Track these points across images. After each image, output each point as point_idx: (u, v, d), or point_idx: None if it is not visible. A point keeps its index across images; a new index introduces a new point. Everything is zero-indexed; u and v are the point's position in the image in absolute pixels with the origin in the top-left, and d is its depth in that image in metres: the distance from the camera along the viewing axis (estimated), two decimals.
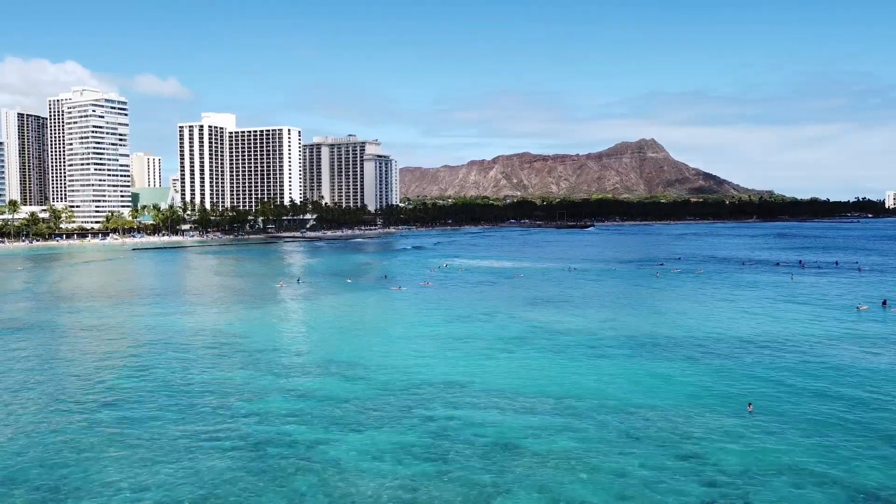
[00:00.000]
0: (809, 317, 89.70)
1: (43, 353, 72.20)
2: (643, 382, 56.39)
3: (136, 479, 37.23)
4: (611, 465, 38.76)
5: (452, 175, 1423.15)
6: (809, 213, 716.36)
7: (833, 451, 40.61)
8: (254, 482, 36.99)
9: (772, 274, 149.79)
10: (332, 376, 59.98)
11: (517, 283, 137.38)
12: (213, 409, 50.41)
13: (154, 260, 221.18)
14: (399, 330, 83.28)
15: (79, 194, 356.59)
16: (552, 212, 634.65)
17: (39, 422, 47.48)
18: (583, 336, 77.12)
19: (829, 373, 59.03)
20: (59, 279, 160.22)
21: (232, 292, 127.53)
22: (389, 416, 48.06)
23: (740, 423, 45.66)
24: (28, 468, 38.86)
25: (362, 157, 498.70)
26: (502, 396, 52.55)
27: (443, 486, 36.11)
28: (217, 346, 74.45)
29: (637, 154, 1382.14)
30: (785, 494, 34.79)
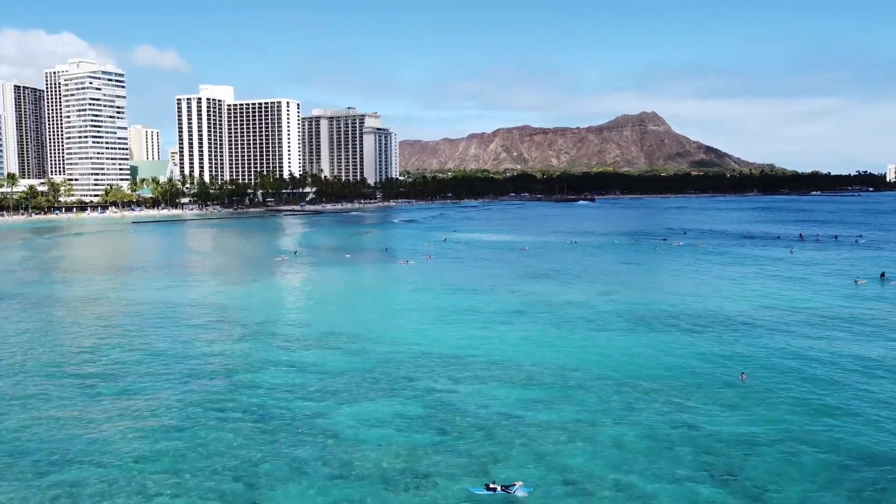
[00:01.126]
0: (808, 290, 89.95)
1: (43, 326, 72.54)
2: (641, 354, 56.77)
3: (138, 450, 37.64)
4: (609, 435, 39.20)
5: (452, 148, 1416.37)
6: (810, 187, 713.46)
7: (826, 418, 41.05)
8: (255, 452, 37.40)
9: (772, 247, 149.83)
10: (332, 348, 60.35)
11: (519, 255, 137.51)
12: (215, 380, 50.80)
13: (154, 233, 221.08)
14: (399, 303, 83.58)
15: (77, 167, 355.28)
16: (552, 185, 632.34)
17: (41, 394, 47.83)
18: (582, 309, 77.40)
19: (825, 345, 59.39)
20: (60, 252, 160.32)
21: (232, 265, 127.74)
22: (390, 388, 48.45)
23: (735, 392, 46.06)
24: (31, 440, 39.25)
25: (362, 130, 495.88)
26: (502, 368, 52.94)
27: (443, 456, 36.53)
28: (218, 318, 74.77)
29: (638, 127, 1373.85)
30: (778, 460, 35.23)
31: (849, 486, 32.89)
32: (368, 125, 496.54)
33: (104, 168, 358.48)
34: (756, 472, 34.25)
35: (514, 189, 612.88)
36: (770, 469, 34.62)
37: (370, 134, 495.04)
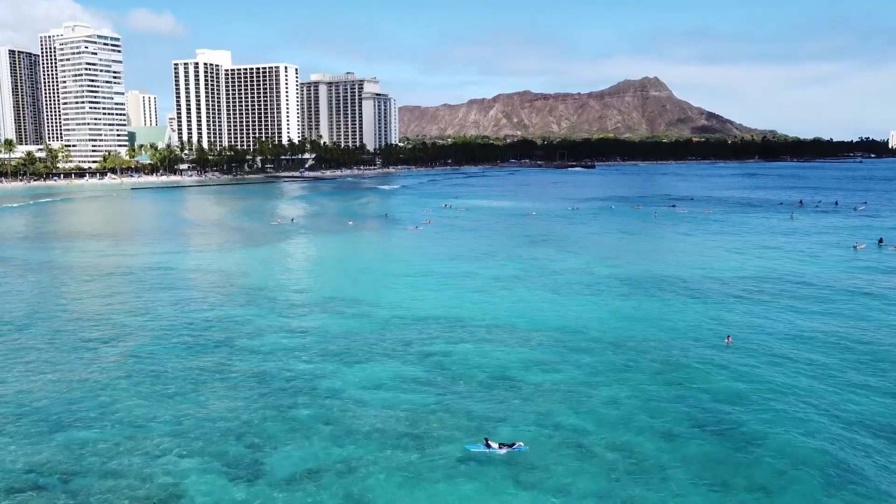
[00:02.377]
0: (807, 255, 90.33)
1: (45, 291, 72.97)
2: (637, 318, 57.28)
3: (143, 413, 38.21)
4: (605, 394, 39.90)
5: (452, 114, 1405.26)
6: (812, 154, 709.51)
7: (821, 378, 41.67)
8: (258, 414, 38.01)
9: (773, 213, 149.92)
10: (333, 313, 60.82)
11: (519, 222, 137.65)
12: (217, 345, 51.31)
13: (153, 199, 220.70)
14: (399, 268, 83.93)
15: (74, 133, 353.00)
16: (553, 152, 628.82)
17: (47, 359, 48.38)
18: (580, 274, 77.83)
19: (821, 309, 59.94)
20: (60, 218, 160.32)
21: (232, 231, 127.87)
22: (390, 351, 49.01)
23: (722, 354, 46.63)
24: (37, 404, 39.79)
25: (361, 95, 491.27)
26: (501, 331, 53.49)
27: (441, 417, 37.15)
28: (219, 283, 75.19)
29: (640, 93, 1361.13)
30: (768, 419, 35.86)
31: (834, 445, 33.53)
32: (368, 90, 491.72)
33: (102, 134, 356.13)
34: (746, 429, 34.88)
35: (514, 155, 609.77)
36: (759, 426, 35.26)
37: (369, 99, 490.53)
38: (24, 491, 29.62)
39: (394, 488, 29.93)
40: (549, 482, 30.25)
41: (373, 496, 29.29)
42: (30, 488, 29.87)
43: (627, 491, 29.48)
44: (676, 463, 31.80)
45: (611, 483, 30.14)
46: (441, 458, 32.44)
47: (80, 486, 30.06)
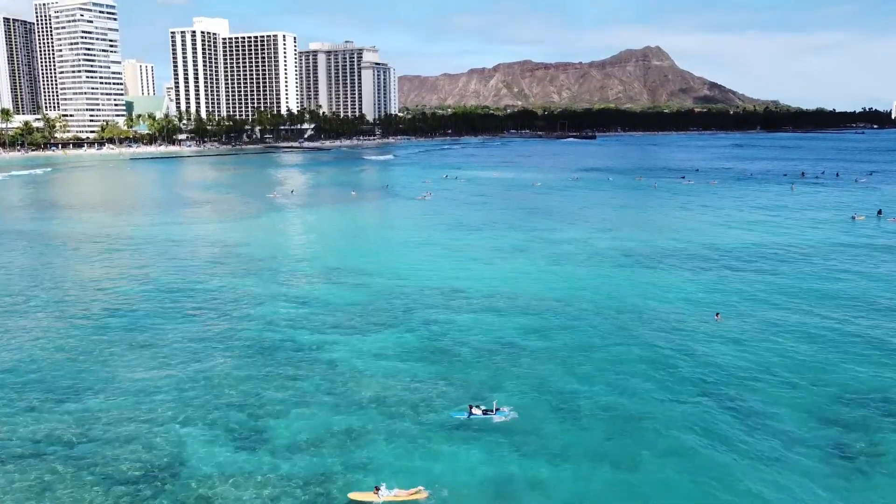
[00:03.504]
0: (807, 226, 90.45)
1: (47, 262, 73.11)
2: (637, 288, 57.57)
3: (147, 382, 38.57)
4: (605, 361, 40.35)
5: (452, 84, 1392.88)
6: (814, 124, 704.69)
7: (817, 352, 42.05)
8: (260, 382, 38.37)
9: (774, 184, 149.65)
10: (333, 283, 61.04)
11: (519, 192, 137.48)
12: (218, 314, 51.59)
13: (152, 170, 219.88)
14: (401, 238, 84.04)
15: (72, 103, 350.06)
16: (553, 122, 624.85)
17: (49, 328, 48.68)
18: (579, 245, 77.99)
19: (819, 280, 60.20)
20: (59, 189, 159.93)
21: (233, 202, 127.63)
22: (391, 319, 49.32)
23: (717, 329, 46.96)
24: (41, 373, 40.12)
25: (360, 64, 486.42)
26: (500, 300, 53.78)
27: (442, 383, 37.55)
28: (220, 254, 75.29)
29: (641, 62, 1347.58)
30: (764, 388, 36.28)
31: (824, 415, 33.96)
32: (367, 60, 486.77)
33: (99, 103, 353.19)
34: (743, 401, 35.31)
35: (514, 126, 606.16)
36: (754, 398, 35.70)
37: (369, 69, 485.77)
38: (29, 459, 30.03)
39: (394, 454, 30.35)
40: (546, 445, 30.67)
41: (373, 463, 29.70)
42: (35, 456, 30.28)
43: (623, 452, 29.92)
44: (670, 429, 32.20)
45: (605, 445, 30.58)
46: (440, 424, 32.84)
47: (85, 454, 30.47)
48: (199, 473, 28.96)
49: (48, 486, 27.95)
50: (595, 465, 29.35)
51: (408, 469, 29.12)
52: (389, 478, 28.03)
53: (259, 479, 28.58)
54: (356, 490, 27.36)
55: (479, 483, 28.21)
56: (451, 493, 27.39)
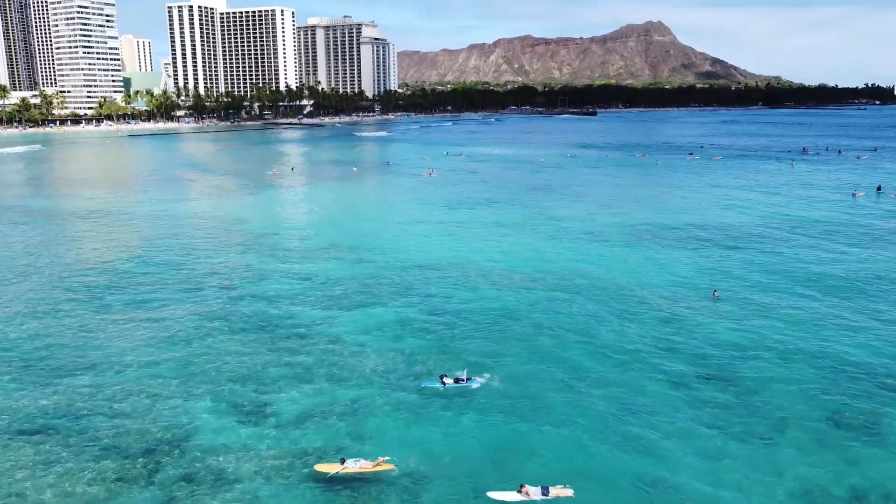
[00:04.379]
0: (807, 203, 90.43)
1: (48, 239, 73.18)
2: (638, 265, 57.73)
3: (148, 358, 38.77)
4: (606, 338, 40.54)
5: (452, 59, 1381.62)
6: (816, 100, 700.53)
7: (815, 328, 42.31)
8: (261, 358, 38.62)
9: (776, 161, 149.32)
10: (334, 259, 61.17)
11: (520, 169, 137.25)
12: (219, 290, 51.76)
13: (151, 147, 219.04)
14: (402, 215, 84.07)
15: (69, 79, 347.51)
16: (554, 98, 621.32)
17: (49, 305, 48.81)
18: (580, 222, 78.07)
19: (818, 257, 60.34)
20: (58, 166, 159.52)
21: (233, 179, 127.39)
22: (391, 294, 49.53)
23: (715, 306, 47.19)
24: (45, 350, 40.31)
25: (359, 40, 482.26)
26: (502, 277, 53.95)
27: (441, 356, 37.84)
28: (220, 231, 75.35)
29: (643, 37, 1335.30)
30: (765, 365, 36.57)
31: (825, 394, 34.28)
32: (366, 35, 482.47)
33: (97, 79, 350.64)
34: (742, 376, 35.63)
35: (514, 102, 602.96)
36: (754, 373, 36.01)
37: (368, 44, 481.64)
38: (34, 433, 30.33)
39: (394, 427, 30.64)
40: (547, 418, 30.98)
41: (374, 434, 30.03)
42: (40, 430, 30.57)
43: (619, 424, 30.26)
44: (664, 402, 32.51)
45: (604, 419, 30.88)
46: (441, 397, 33.14)
47: (90, 427, 30.77)
48: (203, 446, 29.29)
49: (56, 459, 28.27)
50: (589, 438, 29.65)
51: (403, 440, 29.44)
52: (378, 448, 28.39)
53: (262, 450, 28.93)
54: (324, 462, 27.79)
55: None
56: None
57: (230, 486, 26.51)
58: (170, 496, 26.04)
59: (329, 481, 26.61)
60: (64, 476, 27.14)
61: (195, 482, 26.82)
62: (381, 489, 26.27)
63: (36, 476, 27.13)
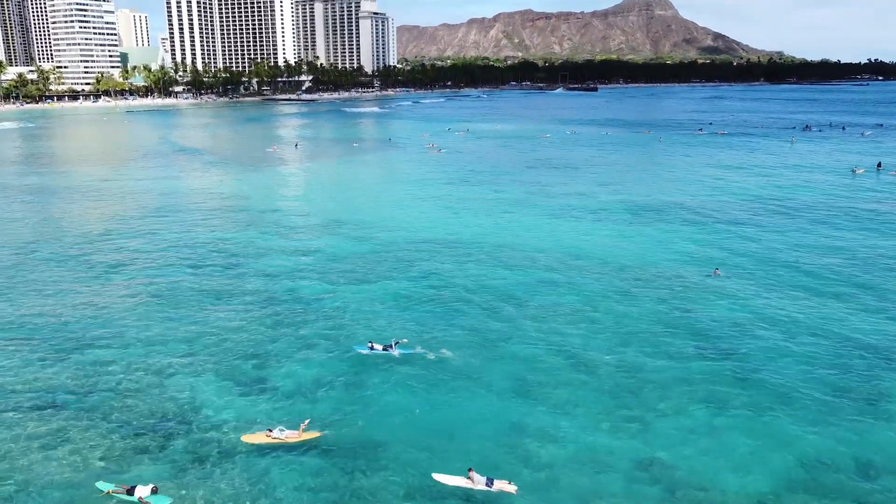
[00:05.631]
0: (807, 179, 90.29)
1: (49, 215, 73.17)
2: (639, 242, 57.78)
3: (154, 334, 38.97)
4: (611, 317, 40.61)
5: (451, 34, 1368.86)
6: (818, 76, 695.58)
7: (818, 305, 42.54)
8: (266, 331, 38.85)
9: (777, 138, 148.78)
10: (336, 235, 61.23)
11: (522, 146, 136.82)
12: (223, 267, 51.89)
13: (150, 123, 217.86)
14: (404, 191, 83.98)
15: (65, 54, 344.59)
16: (555, 74, 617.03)
17: (54, 280, 48.97)
18: (582, 198, 78.04)
19: (817, 233, 60.46)
20: (57, 143, 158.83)
21: (233, 155, 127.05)
22: (394, 270, 49.67)
23: (716, 283, 47.40)
24: (49, 327, 40.43)
25: (357, 14, 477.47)
26: (506, 254, 54.01)
27: (448, 332, 38.02)
28: (221, 207, 75.31)
29: (644, 12, 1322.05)
30: (768, 342, 36.82)
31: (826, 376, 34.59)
32: (365, 9, 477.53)
33: (93, 55, 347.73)
34: (743, 352, 35.92)
35: (515, 78, 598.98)
36: (752, 350, 36.30)
37: (367, 19, 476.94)
38: (42, 409, 30.57)
39: (396, 401, 30.92)
40: (553, 398, 31.29)
41: (376, 408, 30.30)
42: (48, 406, 30.81)
43: (625, 403, 30.54)
44: (667, 380, 32.75)
45: (610, 397, 31.14)
46: (444, 373, 33.43)
47: (97, 403, 31.04)
48: (209, 420, 29.54)
49: (64, 435, 28.52)
50: (588, 418, 29.97)
51: (413, 414, 29.76)
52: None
53: (265, 423, 29.28)
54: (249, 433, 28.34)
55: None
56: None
57: (236, 459, 26.84)
58: (178, 468, 26.39)
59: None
60: (75, 451, 27.40)
61: (201, 455, 27.15)
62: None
63: (47, 451, 27.40)
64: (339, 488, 25.21)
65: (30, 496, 24.94)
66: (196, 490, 25.17)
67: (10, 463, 26.79)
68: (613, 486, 25.19)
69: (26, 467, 26.45)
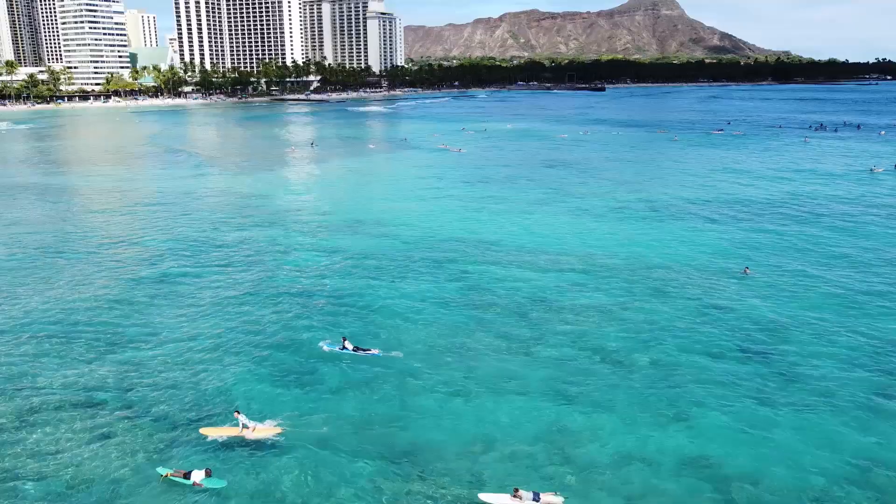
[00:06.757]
0: (827, 178, 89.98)
1: (73, 216, 73.45)
2: (664, 242, 57.63)
3: (186, 329, 39.12)
4: (643, 316, 40.48)
5: (457, 34, 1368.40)
6: (826, 76, 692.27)
7: (851, 304, 42.37)
8: (298, 326, 38.92)
9: (792, 137, 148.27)
10: (360, 234, 61.26)
11: (537, 145, 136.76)
12: (249, 264, 52.01)
13: (162, 123, 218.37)
14: (425, 191, 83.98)
15: (75, 54, 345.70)
16: (561, 73, 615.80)
17: (84, 280, 49.03)
18: (605, 198, 77.92)
19: (842, 232, 60.22)
20: (71, 143, 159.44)
21: (248, 155, 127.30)
22: (422, 270, 49.64)
23: (747, 282, 47.24)
24: (83, 325, 40.46)
25: (365, 14, 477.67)
26: (530, 254, 53.95)
27: (482, 334, 37.94)
28: (242, 206, 75.44)
29: (650, 11, 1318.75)
30: (805, 340, 36.68)
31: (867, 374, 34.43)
32: (372, 9, 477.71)
33: (103, 55, 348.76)
34: (780, 352, 35.78)
35: (521, 78, 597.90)
36: (791, 351, 36.15)
37: (374, 19, 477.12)
38: (85, 406, 30.64)
39: (439, 404, 30.84)
40: (592, 399, 31.24)
41: (418, 411, 30.21)
42: (90, 403, 30.87)
43: (664, 403, 30.46)
44: (704, 379, 32.59)
45: (649, 397, 31.08)
46: (488, 375, 33.39)
47: (136, 400, 31.11)
48: (265, 411, 29.69)
49: (107, 431, 28.59)
50: (628, 417, 29.90)
51: (457, 418, 29.72)
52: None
53: (305, 416, 29.34)
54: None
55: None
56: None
57: (277, 451, 26.93)
58: (220, 459, 26.56)
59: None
60: (119, 446, 27.53)
61: (240, 447, 27.25)
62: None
63: (93, 447, 27.50)
64: (387, 492, 25.19)
65: (86, 486, 25.10)
66: (246, 477, 25.48)
67: (63, 456, 26.95)
68: (663, 485, 25.10)
69: (74, 464, 26.54)
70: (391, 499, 24.51)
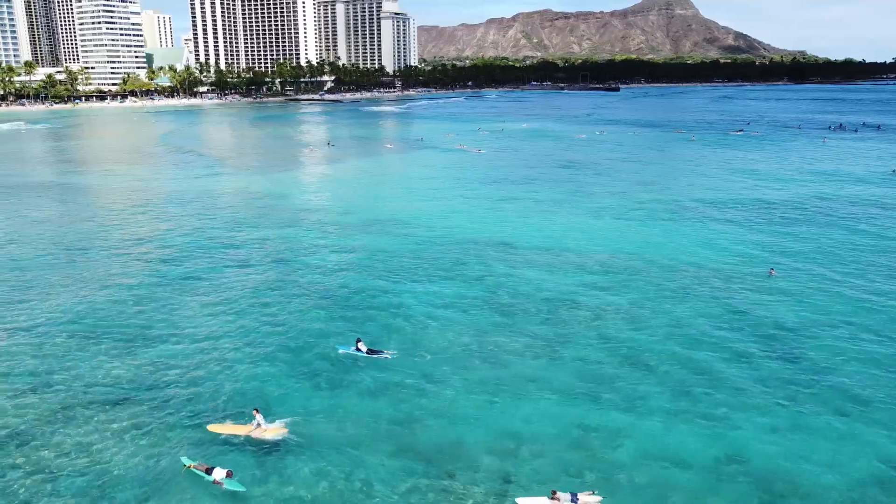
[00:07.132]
0: (850, 179, 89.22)
1: (95, 215, 73.97)
2: (687, 243, 57.31)
3: (213, 328, 39.28)
4: (669, 318, 40.22)
5: (470, 34, 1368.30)
6: (843, 76, 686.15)
7: (880, 306, 41.94)
8: (316, 326, 38.95)
9: (810, 138, 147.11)
10: (382, 233, 61.30)
11: (554, 145, 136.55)
12: (271, 262, 52.21)
13: (178, 123, 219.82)
14: (437, 191, 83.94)
15: (92, 55, 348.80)
16: (574, 73, 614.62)
17: (109, 279, 49.36)
18: (625, 199, 77.60)
19: (868, 234, 59.66)
20: (90, 143, 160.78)
21: (265, 155, 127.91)
22: (446, 270, 49.57)
23: (772, 284, 46.86)
24: (110, 323, 40.72)
25: (378, 15, 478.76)
26: (553, 255, 53.77)
27: (508, 336, 37.84)
28: (260, 206, 75.74)
29: (664, 11, 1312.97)
30: (835, 343, 36.34)
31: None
32: (386, 10, 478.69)
33: (120, 55, 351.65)
34: (810, 354, 35.47)
35: (535, 78, 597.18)
36: (822, 350, 35.83)
37: (388, 19, 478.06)
38: (117, 403, 30.83)
39: (467, 405, 30.73)
40: (622, 400, 31.11)
41: (448, 413, 30.10)
42: (121, 400, 31.06)
43: (695, 403, 30.28)
44: (735, 381, 32.32)
45: (679, 397, 30.91)
46: (514, 376, 33.32)
47: (166, 396, 31.28)
48: (278, 412, 29.67)
49: (140, 428, 28.72)
50: (665, 416, 29.75)
51: (484, 420, 29.65)
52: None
53: (337, 415, 29.38)
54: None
55: None
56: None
57: (294, 454, 26.90)
58: (252, 455, 26.68)
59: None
60: (154, 443, 27.68)
61: (255, 449, 27.29)
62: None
63: (126, 443, 27.69)
64: (422, 489, 25.20)
65: (115, 478, 25.28)
66: (268, 478, 25.48)
67: (94, 449, 27.16)
68: (696, 485, 24.97)
69: (105, 461, 26.72)
70: (426, 500, 24.47)
